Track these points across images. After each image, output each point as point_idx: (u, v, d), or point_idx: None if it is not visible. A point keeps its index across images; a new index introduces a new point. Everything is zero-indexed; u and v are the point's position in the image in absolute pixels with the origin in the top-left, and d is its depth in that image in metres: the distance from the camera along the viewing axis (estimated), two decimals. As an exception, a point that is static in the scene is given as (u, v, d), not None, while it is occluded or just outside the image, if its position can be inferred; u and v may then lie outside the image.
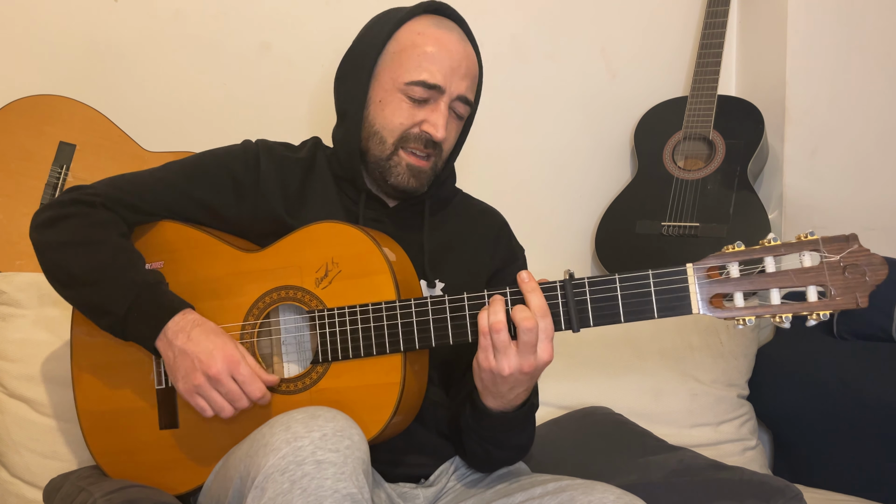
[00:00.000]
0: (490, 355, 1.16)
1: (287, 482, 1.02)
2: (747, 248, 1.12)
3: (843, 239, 1.08)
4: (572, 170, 2.30)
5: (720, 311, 1.12)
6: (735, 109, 2.18)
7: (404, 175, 1.35)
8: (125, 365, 1.36)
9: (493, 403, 1.23)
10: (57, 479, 1.45)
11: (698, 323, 1.98)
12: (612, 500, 1.13)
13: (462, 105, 1.37)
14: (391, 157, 1.35)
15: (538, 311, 1.15)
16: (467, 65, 1.36)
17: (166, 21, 2.03)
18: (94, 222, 1.32)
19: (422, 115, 1.34)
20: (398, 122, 1.34)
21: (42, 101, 1.83)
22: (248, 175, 1.38)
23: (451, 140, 1.40)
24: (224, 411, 1.22)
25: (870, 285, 1.07)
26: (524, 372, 1.16)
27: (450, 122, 1.37)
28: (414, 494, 1.32)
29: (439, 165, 1.40)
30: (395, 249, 1.31)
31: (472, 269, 1.42)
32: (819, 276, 1.09)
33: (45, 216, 1.34)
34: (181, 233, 1.37)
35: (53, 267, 1.32)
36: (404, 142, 1.35)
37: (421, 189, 1.38)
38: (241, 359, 1.22)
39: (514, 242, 1.50)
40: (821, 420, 1.88)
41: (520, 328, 1.14)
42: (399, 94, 1.34)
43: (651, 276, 1.14)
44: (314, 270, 1.28)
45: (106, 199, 1.35)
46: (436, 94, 1.34)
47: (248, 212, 1.38)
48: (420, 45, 1.34)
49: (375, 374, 1.23)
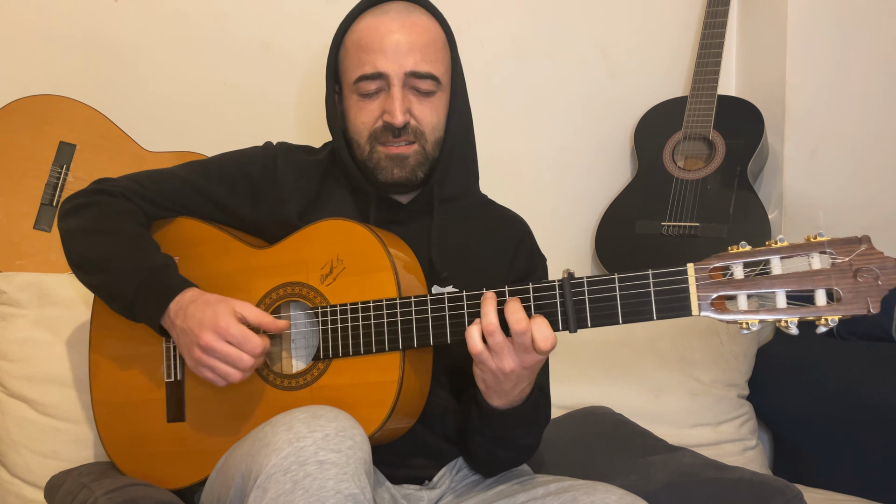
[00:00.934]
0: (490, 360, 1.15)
1: (289, 482, 1.02)
2: (753, 248, 1.07)
3: (854, 241, 1.03)
4: (572, 170, 2.30)
5: (723, 314, 1.07)
6: (735, 109, 2.18)
7: (388, 168, 1.34)
8: (139, 358, 1.39)
9: (497, 402, 1.23)
10: (58, 476, 1.46)
11: (698, 323, 1.98)
12: (614, 500, 1.13)
13: (421, 80, 1.32)
14: (371, 157, 1.35)
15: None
16: (410, 39, 1.31)
17: (166, 21, 2.02)
18: (113, 211, 1.36)
19: (379, 108, 1.33)
20: (361, 122, 1.35)
21: (42, 101, 1.83)
22: (264, 177, 1.40)
23: (429, 120, 1.34)
24: (231, 376, 1.22)
25: (882, 290, 1.01)
26: (525, 367, 1.15)
27: (415, 104, 1.33)
28: (418, 496, 1.32)
29: (429, 150, 1.36)
30: (403, 249, 1.32)
31: (488, 275, 1.39)
32: (828, 279, 1.03)
33: (70, 205, 1.39)
34: (197, 229, 1.40)
35: (74, 253, 1.37)
36: (375, 139, 1.34)
37: (413, 177, 1.35)
38: (231, 322, 1.21)
39: (535, 252, 1.47)
40: (821, 420, 1.88)
41: (513, 331, 1.13)
42: (355, 96, 1.35)
43: (651, 276, 1.11)
44: (319, 267, 1.29)
45: (127, 190, 1.39)
46: (382, 82, 1.32)
47: (263, 213, 1.39)
48: (357, 42, 1.34)
49: (374, 371, 1.24)
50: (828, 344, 1.95)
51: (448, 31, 1.39)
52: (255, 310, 1.26)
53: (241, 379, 1.23)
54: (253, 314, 1.25)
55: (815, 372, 1.92)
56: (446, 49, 1.38)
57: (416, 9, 1.36)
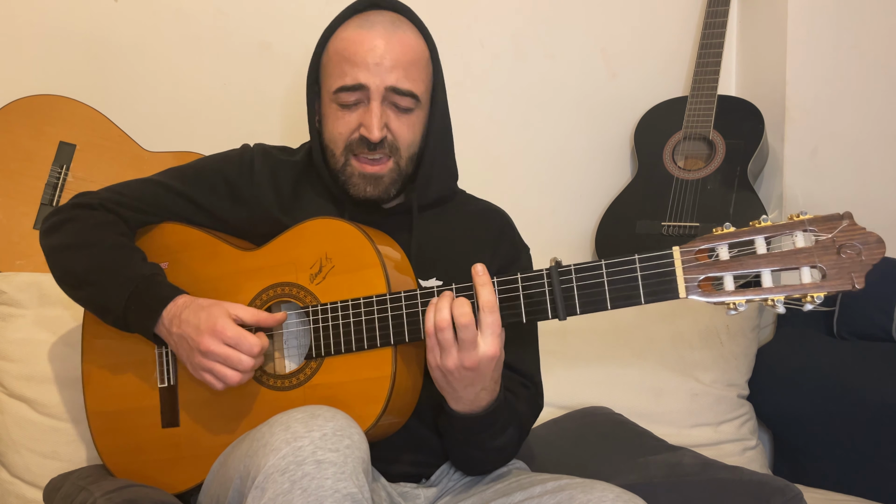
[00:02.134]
0: (437, 354, 1.16)
1: (287, 482, 1.02)
2: (737, 229, 1.07)
3: (836, 217, 1.02)
4: (572, 170, 2.30)
5: (710, 296, 1.07)
6: (735, 109, 2.18)
7: (360, 185, 1.33)
8: (131, 365, 1.38)
9: (456, 406, 1.23)
10: (57, 479, 1.45)
11: (698, 323, 1.98)
12: (611, 498, 1.13)
13: (401, 97, 1.31)
14: (345, 169, 1.34)
15: (486, 305, 1.14)
16: (394, 55, 1.30)
17: (166, 21, 2.03)
18: (94, 224, 1.35)
19: (357, 120, 1.32)
20: (338, 132, 1.33)
21: (42, 101, 1.83)
22: (242, 178, 1.41)
23: (405, 136, 1.33)
24: (229, 378, 1.22)
25: (866, 265, 1.01)
26: (466, 367, 1.15)
27: (392, 119, 1.32)
28: (415, 494, 1.32)
29: (403, 166, 1.35)
30: (391, 245, 1.32)
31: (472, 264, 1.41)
32: (811, 256, 1.03)
33: (50, 222, 1.38)
34: (183, 234, 1.40)
35: (60, 270, 1.37)
36: (350, 150, 1.33)
37: (386, 195, 1.34)
38: (226, 325, 1.22)
39: (517, 241, 1.48)
40: (821, 420, 1.88)
41: (457, 324, 1.13)
42: (333, 105, 1.33)
43: (637, 260, 1.12)
44: (308, 266, 1.29)
45: (106, 201, 1.38)
46: (362, 94, 1.30)
47: (245, 214, 1.40)
48: (340, 52, 1.32)
49: (367, 368, 1.23)
50: (828, 344, 1.94)
51: (432, 48, 1.37)
52: (248, 309, 1.26)
53: (240, 381, 1.23)
54: (248, 313, 1.25)
55: (815, 372, 1.92)
56: (429, 67, 1.37)
57: (402, 23, 1.34)
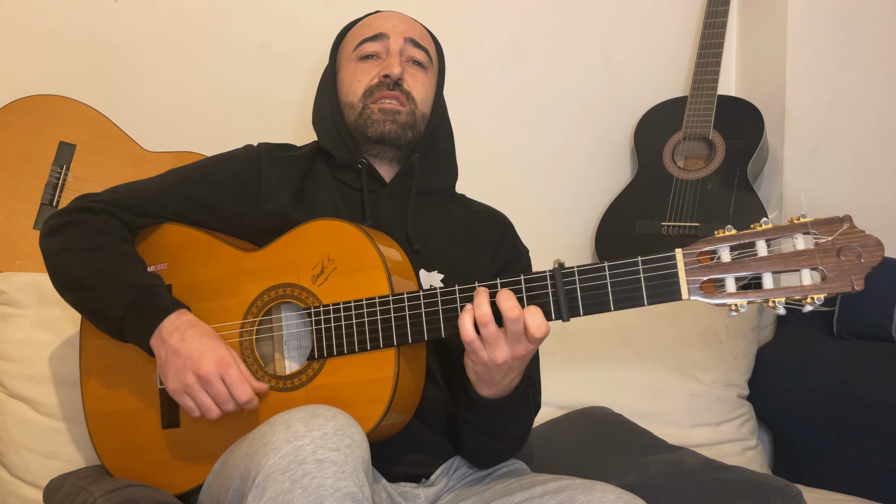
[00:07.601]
0: (482, 352, 1.16)
1: (288, 481, 1.02)
2: (738, 231, 1.08)
3: (836, 220, 1.04)
4: (572, 170, 2.31)
5: (712, 298, 1.09)
6: (735, 109, 2.18)
7: (380, 121, 1.39)
8: (130, 366, 1.37)
9: (487, 392, 1.23)
10: (57, 480, 1.45)
11: (698, 323, 1.98)
12: (611, 499, 1.13)
13: (417, 50, 1.43)
14: (363, 111, 1.40)
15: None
16: (409, 24, 1.46)
17: (166, 21, 2.03)
18: (96, 228, 1.35)
19: (377, 68, 1.42)
20: (357, 81, 1.42)
21: (42, 101, 1.83)
22: (249, 174, 1.41)
23: (420, 91, 1.43)
24: (211, 412, 1.23)
25: (865, 267, 1.03)
26: (517, 357, 1.16)
27: (409, 72, 1.42)
28: (415, 494, 1.32)
29: (418, 116, 1.42)
30: (393, 247, 1.32)
31: (472, 265, 1.42)
32: (812, 258, 1.04)
33: (51, 224, 1.37)
34: (184, 235, 1.39)
35: (58, 273, 1.36)
36: (370, 95, 1.41)
37: (403, 134, 1.40)
38: (232, 362, 1.24)
39: (518, 243, 1.50)
40: (821, 420, 1.88)
41: (506, 319, 1.13)
42: (353, 62, 1.44)
43: (640, 262, 1.13)
44: (311, 267, 1.28)
45: (109, 205, 1.38)
46: (382, 46, 1.42)
47: (250, 211, 1.39)
48: (359, 28, 1.47)
49: (370, 369, 1.23)
50: (828, 344, 1.95)
51: (440, 54, 1.50)
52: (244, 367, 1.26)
53: (215, 417, 1.24)
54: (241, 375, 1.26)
55: (814, 372, 1.92)
56: (437, 61, 1.49)
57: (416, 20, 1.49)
